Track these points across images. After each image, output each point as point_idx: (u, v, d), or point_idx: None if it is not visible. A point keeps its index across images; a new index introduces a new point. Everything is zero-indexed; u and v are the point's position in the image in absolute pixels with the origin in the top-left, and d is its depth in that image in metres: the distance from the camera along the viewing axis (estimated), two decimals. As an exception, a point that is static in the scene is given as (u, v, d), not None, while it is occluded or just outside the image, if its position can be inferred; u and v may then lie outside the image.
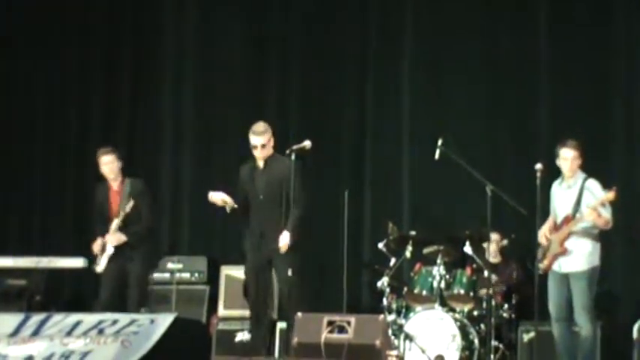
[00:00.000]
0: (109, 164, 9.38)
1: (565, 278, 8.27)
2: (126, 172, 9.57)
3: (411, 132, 10.91)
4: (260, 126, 8.66)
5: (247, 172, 8.66)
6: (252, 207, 8.58)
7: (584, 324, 8.18)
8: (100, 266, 9.30)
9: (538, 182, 8.36)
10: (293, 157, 8.39)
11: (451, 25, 10.95)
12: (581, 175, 8.37)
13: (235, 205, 8.60)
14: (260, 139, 8.56)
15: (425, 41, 11.04)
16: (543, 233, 8.40)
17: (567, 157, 8.33)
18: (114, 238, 9.24)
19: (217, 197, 8.63)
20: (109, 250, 9.24)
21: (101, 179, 9.57)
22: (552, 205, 8.50)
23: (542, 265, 8.37)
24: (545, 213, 8.48)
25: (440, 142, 9.29)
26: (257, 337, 8.46)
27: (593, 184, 8.29)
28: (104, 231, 9.35)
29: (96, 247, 9.32)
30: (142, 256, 9.35)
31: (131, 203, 9.22)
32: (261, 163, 8.64)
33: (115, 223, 9.27)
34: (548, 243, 8.35)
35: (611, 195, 8.09)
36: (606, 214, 8.19)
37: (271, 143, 8.61)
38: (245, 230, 8.80)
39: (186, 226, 11.58)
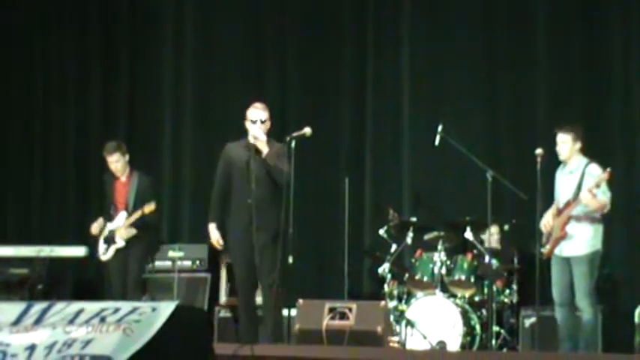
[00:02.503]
0: (113, 163, 9.42)
1: (567, 263, 8.28)
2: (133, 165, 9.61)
3: (411, 118, 10.91)
4: (261, 103, 8.49)
5: (239, 153, 8.33)
6: (241, 188, 8.26)
7: (585, 308, 8.19)
8: (107, 255, 9.37)
9: (538, 167, 8.38)
10: (293, 144, 8.32)
11: (451, 11, 10.94)
12: (583, 160, 8.37)
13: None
14: (262, 114, 8.35)
15: (424, 28, 11.03)
16: (546, 220, 8.41)
17: (562, 140, 8.34)
18: (125, 232, 9.29)
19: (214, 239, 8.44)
20: (120, 244, 9.29)
21: (108, 170, 9.61)
22: (556, 191, 8.51)
23: (545, 250, 8.39)
24: (545, 198, 8.49)
25: (440, 129, 9.31)
26: (247, 322, 8.37)
27: (593, 168, 8.30)
28: (108, 218, 9.40)
29: (94, 229, 9.42)
30: (143, 246, 9.41)
31: (152, 207, 9.24)
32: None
33: (125, 217, 9.31)
34: (550, 228, 8.35)
35: (605, 176, 8.09)
36: (603, 197, 8.19)
37: (268, 125, 8.46)
38: (231, 207, 8.43)
39: (187, 214, 11.60)
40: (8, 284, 10.56)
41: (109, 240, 9.39)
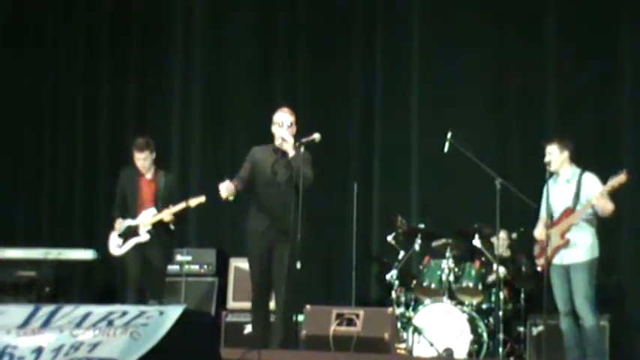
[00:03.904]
0: (141, 160, 9.37)
1: (566, 271, 8.30)
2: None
3: (420, 124, 10.90)
4: (287, 107, 8.50)
5: (265, 156, 8.36)
6: (264, 191, 8.29)
7: (586, 315, 8.19)
8: (122, 249, 9.28)
9: (547, 176, 8.39)
10: (302, 149, 8.33)
11: (461, 17, 10.93)
12: (577, 169, 8.45)
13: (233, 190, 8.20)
14: (288, 117, 8.35)
15: (433, 35, 11.02)
16: (539, 231, 8.44)
17: (548, 152, 8.43)
18: (165, 215, 9.21)
19: (226, 191, 8.19)
20: (144, 237, 9.21)
21: (127, 165, 9.57)
22: (547, 203, 8.50)
23: (540, 262, 8.42)
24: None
25: (449, 136, 9.31)
26: (258, 327, 8.36)
27: (590, 177, 8.37)
28: (127, 216, 9.34)
29: (118, 225, 9.31)
30: (164, 247, 9.37)
31: (202, 199, 9.24)
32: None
33: (153, 214, 9.24)
34: (547, 238, 8.35)
35: (622, 177, 8.11)
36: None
37: (294, 130, 8.42)
38: (252, 210, 8.41)
39: (195, 218, 11.59)
40: (16, 286, 10.56)
41: (127, 234, 9.30)
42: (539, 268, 8.54)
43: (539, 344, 9.11)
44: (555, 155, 8.41)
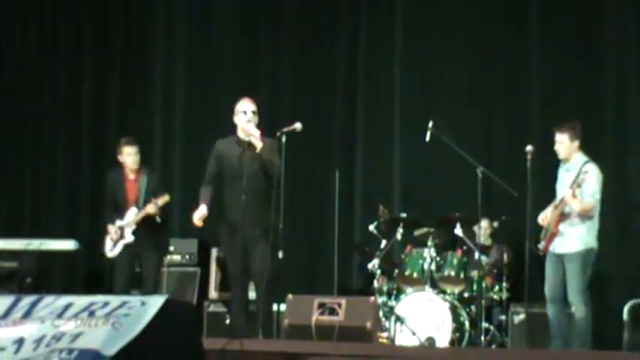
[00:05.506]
0: (132, 155, 9.37)
1: (560, 260, 8.30)
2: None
3: (402, 114, 10.90)
4: (248, 97, 8.46)
5: (231, 149, 8.32)
6: (234, 184, 8.20)
7: (577, 304, 8.19)
8: (114, 251, 9.28)
9: (528, 164, 8.38)
10: (284, 139, 8.31)
11: (443, 9, 10.93)
12: (582, 159, 8.39)
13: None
14: (251, 106, 8.31)
15: (417, 23, 11.01)
16: (545, 214, 8.42)
17: (559, 140, 8.37)
18: (149, 208, 9.21)
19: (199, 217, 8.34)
20: (129, 239, 9.21)
21: (114, 166, 9.56)
22: (556, 188, 8.54)
23: (542, 246, 8.42)
24: (536, 195, 8.50)
25: (431, 125, 9.30)
26: (239, 317, 8.35)
27: (588, 168, 8.28)
28: (116, 218, 9.34)
29: (114, 234, 9.30)
30: (158, 245, 9.37)
31: (166, 198, 9.24)
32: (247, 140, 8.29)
33: (135, 213, 9.24)
34: (547, 224, 8.37)
35: (584, 176, 8.11)
36: (590, 199, 8.19)
37: (257, 119, 8.37)
38: (225, 204, 8.36)
39: (176, 209, 11.56)
40: (-3, 277, 10.55)
41: (119, 237, 9.30)
42: (540, 253, 8.50)
43: (522, 332, 9.14)
44: (566, 144, 8.35)
